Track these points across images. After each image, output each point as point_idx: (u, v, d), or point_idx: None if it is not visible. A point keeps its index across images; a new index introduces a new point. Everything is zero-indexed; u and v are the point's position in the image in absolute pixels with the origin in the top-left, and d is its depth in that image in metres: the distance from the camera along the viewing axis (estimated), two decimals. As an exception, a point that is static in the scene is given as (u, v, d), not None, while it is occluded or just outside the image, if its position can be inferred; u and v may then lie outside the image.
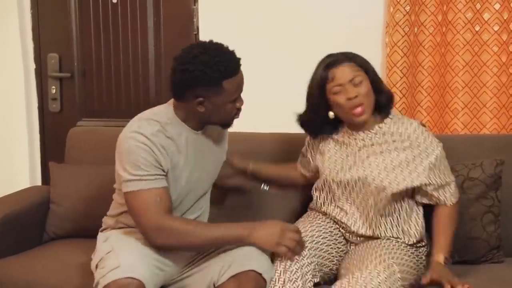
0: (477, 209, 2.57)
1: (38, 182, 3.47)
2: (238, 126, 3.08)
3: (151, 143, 2.17)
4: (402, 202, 2.40)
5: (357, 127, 2.42)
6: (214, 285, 2.19)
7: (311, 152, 2.59)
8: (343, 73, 2.36)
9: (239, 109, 2.28)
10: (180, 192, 2.28)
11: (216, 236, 2.18)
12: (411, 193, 2.41)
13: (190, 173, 2.28)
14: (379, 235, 2.39)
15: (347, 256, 2.39)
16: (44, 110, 3.48)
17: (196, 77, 2.12)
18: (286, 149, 2.89)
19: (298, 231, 2.22)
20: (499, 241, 2.58)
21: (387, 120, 2.42)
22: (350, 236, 2.43)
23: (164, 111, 2.28)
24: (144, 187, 2.15)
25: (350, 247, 2.44)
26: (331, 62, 2.39)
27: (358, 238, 2.42)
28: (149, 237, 2.17)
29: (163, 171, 2.19)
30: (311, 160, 2.59)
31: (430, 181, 2.36)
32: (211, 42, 2.26)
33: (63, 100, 3.47)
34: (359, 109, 2.34)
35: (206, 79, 2.12)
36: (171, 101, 2.29)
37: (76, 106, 3.46)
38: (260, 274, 2.15)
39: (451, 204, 2.40)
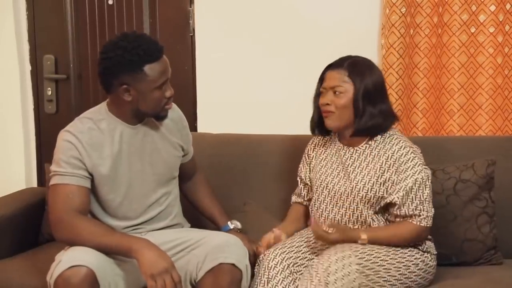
0: (471, 211, 2.57)
1: (34, 184, 3.46)
2: (234, 127, 3.10)
3: (77, 141, 2.24)
4: (380, 214, 2.40)
5: (346, 142, 2.44)
6: (194, 281, 2.23)
7: (308, 164, 2.58)
8: (331, 78, 2.38)
9: (169, 98, 2.29)
10: (124, 184, 2.32)
11: (107, 243, 2.16)
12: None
13: (129, 166, 2.32)
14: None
15: None
16: (39, 112, 3.48)
17: (116, 63, 2.19)
18: (284, 150, 2.89)
19: (178, 282, 2.12)
20: (495, 241, 2.59)
21: (378, 138, 2.40)
22: None
23: (99, 109, 2.36)
24: (59, 181, 2.22)
25: None
26: (332, 63, 2.41)
27: None
28: (52, 230, 2.24)
29: (86, 170, 2.24)
30: (307, 171, 2.58)
31: (402, 204, 2.32)
32: (133, 31, 2.30)
33: (59, 102, 3.47)
34: (326, 115, 2.39)
35: (126, 63, 2.18)
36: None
37: (72, 107, 3.45)
38: (234, 265, 2.18)
39: (418, 223, 2.33)
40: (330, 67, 2.41)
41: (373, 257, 2.26)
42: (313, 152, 2.57)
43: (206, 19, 3.27)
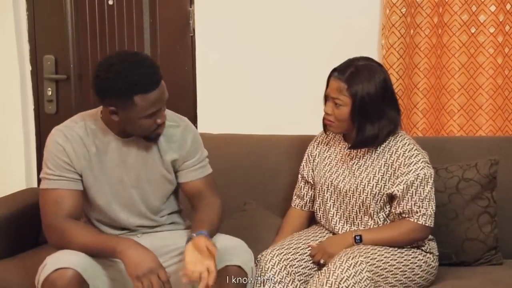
0: (472, 210, 2.57)
1: (34, 184, 3.45)
2: (234, 127, 3.10)
3: (66, 142, 2.20)
4: (385, 208, 2.40)
5: (351, 140, 2.43)
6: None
7: (311, 163, 2.57)
8: (332, 87, 2.36)
9: (160, 125, 2.20)
10: (109, 192, 2.27)
11: (92, 246, 2.12)
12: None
13: (118, 177, 2.26)
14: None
15: None
16: (40, 112, 3.48)
17: (107, 86, 2.10)
18: (284, 150, 2.89)
19: (166, 282, 2.06)
20: (496, 241, 2.59)
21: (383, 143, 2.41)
22: None
23: (94, 114, 2.29)
24: (48, 186, 2.20)
25: None
26: (337, 68, 2.38)
27: None
28: (45, 235, 2.23)
29: (76, 173, 2.21)
30: (310, 170, 2.57)
31: (402, 198, 2.33)
32: (135, 53, 2.22)
33: (59, 102, 3.47)
34: (327, 123, 2.40)
35: (116, 90, 2.08)
36: None
37: (72, 108, 3.44)
38: (240, 267, 2.15)
39: (416, 221, 2.33)
40: (334, 71, 2.38)
41: (383, 263, 2.27)
42: (316, 150, 2.56)
43: (206, 19, 3.27)
